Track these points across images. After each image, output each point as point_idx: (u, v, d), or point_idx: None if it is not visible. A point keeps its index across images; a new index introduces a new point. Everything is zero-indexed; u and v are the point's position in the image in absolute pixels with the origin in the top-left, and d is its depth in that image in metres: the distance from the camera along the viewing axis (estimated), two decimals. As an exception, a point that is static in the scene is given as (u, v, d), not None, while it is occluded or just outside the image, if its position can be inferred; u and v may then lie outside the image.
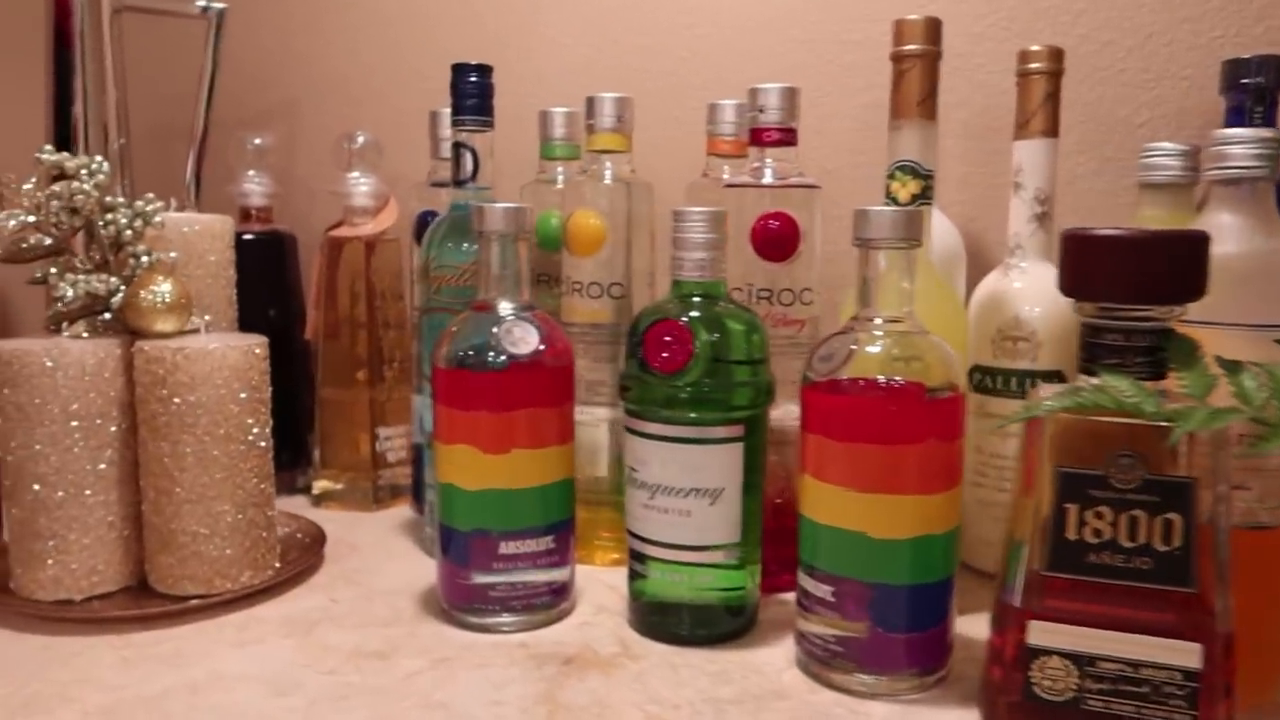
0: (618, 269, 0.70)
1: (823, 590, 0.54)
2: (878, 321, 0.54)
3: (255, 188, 0.88)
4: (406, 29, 0.98)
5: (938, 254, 0.71)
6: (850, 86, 0.82)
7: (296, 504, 0.85)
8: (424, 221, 0.81)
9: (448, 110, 0.81)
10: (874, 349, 0.53)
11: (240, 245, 0.75)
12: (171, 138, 0.98)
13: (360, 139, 0.84)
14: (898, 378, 0.52)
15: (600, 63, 0.91)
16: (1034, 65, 0.67)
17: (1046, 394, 0.48)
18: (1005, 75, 0.78)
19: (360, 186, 0.84)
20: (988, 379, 0.68)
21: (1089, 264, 0.47)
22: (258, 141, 0.88)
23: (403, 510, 0.85)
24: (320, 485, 0.86)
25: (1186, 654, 0.45)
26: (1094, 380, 0.47)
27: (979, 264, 0.77)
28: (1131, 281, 0.46)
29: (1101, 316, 0.47)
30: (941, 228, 0.73)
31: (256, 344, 0.65)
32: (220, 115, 0.91)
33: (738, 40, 0.86)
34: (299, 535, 0.75)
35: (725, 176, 0.75)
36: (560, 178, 0.78)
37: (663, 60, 0.88)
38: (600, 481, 0.73)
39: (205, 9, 0.87)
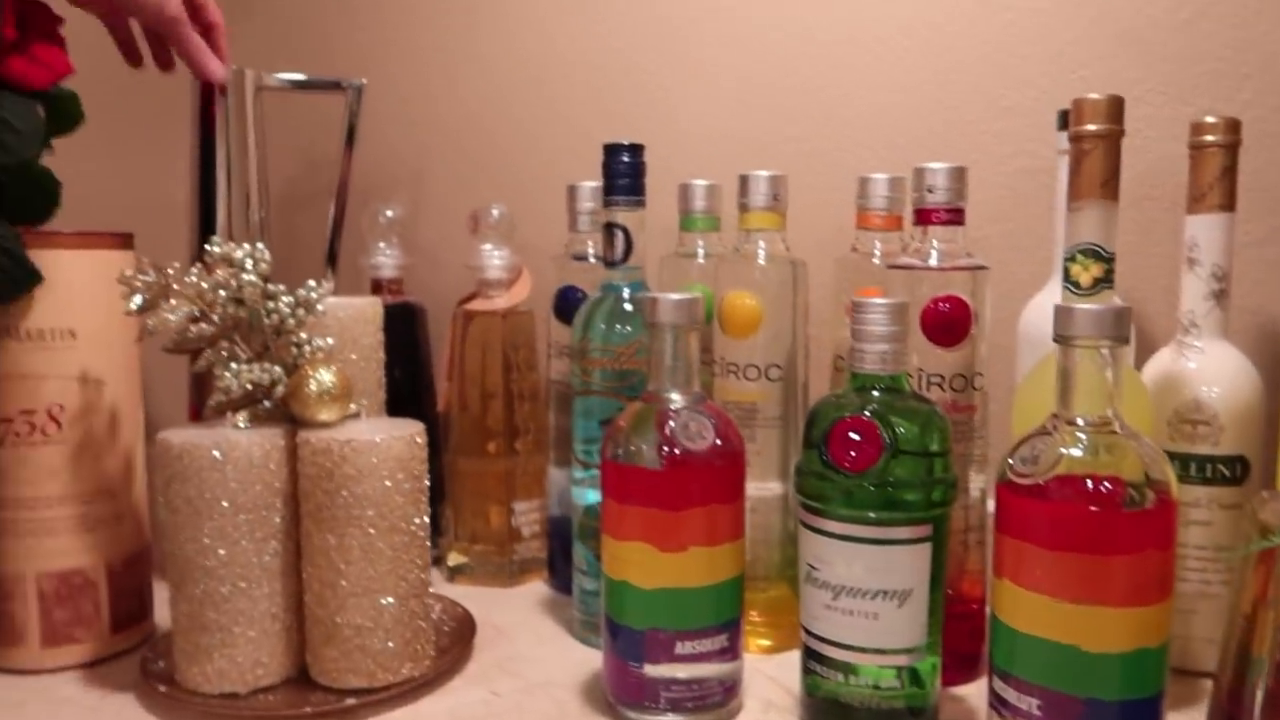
0: (775, 350, 0.69)
1: (1027, 702, 0.51)
2: (1080, 423, 0.51)
3: (386, 260, 0.89)
4: (537, 99, 0.98)
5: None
6: (999, 153, 0.80)
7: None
8: (565, 296, 0.80)
9: (587, 184, 0.81)
10: (1078, 452, 0.51)
11: (380, 321, 0.75)
12: (296, 206, 0.99)
13: (495, 212, 0.84)
14: (1106, 484, 0.50)
15: (738, 131, 0.90)
16: (1210, 138, 0.65)
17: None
18: (1162, 142, 0.75)
19: (494, 260, 0.84)
20: (1165, 463, 0.65)
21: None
22: (389, 214, 0.88)
23: (537, 586, 0.84)
24: (454, 558, 0.86)
25: None
26: (1341, 496, 0.44)
27: (1141, 339, 0.74)
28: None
29: (1346, 427, 0.45)
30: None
31: (417, 433, 0.65)
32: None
33: (884, 107, 0.84)
34: (444, 618, 0.74)
35: (876, 252, 0.73)
36: (701, 251, 0.77)
37: (804, 127, 0.87)
38: (755, 571, 0.71)
39: (343, 85, 0.87)
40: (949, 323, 0.63)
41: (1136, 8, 0.76)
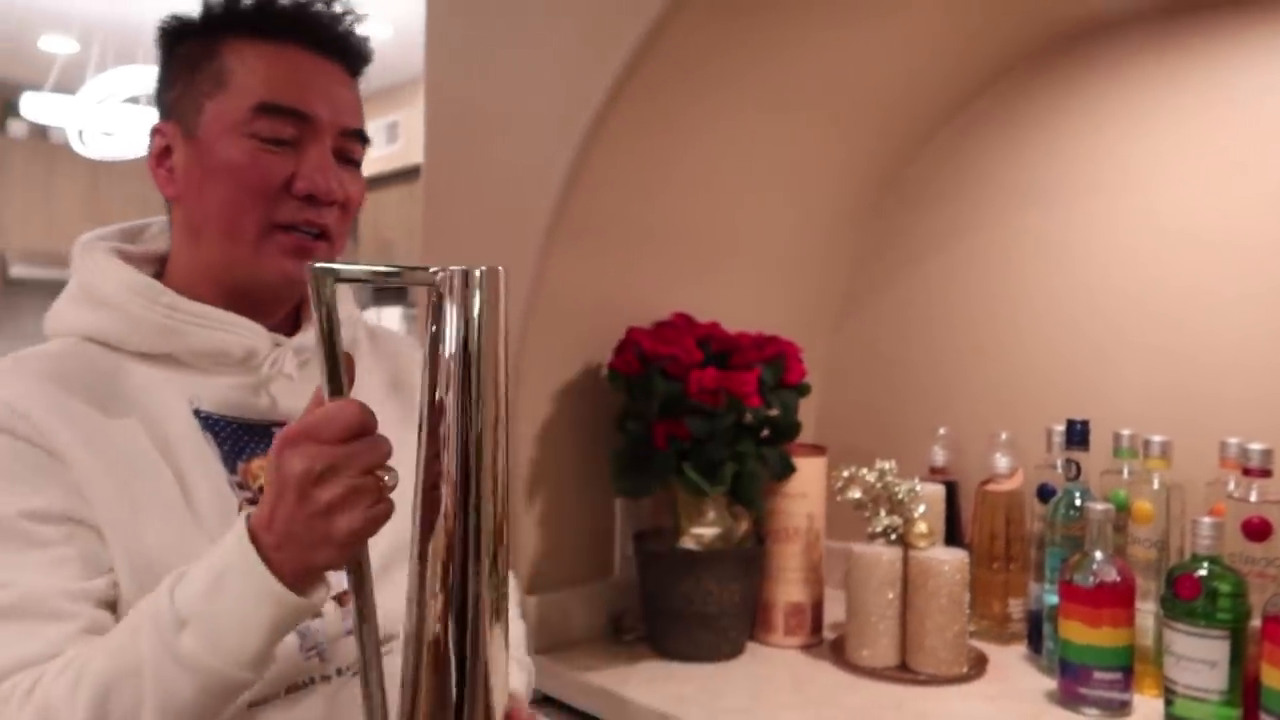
0: (1158, 533, 1.30)
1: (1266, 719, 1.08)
2: (1306, 588, 1.08)
3: (939, 454, 1.62)
4: (1029, 358, 1.66)
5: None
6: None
7: (957, 635, 1.53)
8: (1042, 489, 1.47)
9: (1058, 427, 1.47)
10: (1304, 602, 1.08)
11: (940, 494, 1.48)
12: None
13: (1003, 435, 1.54)
14: (1315, 619, 1.06)
15: (1150, 390, 1.50)
16: None
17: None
18: None
19: (1002, 462, 1.53)
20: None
21: None
22: (942, 432, 1.62)
23: (1020, 647, 1.49)
24: (973, 626, 1.54)
25: None
26: None
27: None
28: None
29: None
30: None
31: (963, 556, 1.36)
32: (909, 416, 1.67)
33: (1245, 387, 1.41)
34: (971, 654, 1.43)
35: (1231, 484, 1.30)
36: (1126, 470, 1.40)
37: (1193, 395, 1.46)
38: (1145, 650, 1.31)
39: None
40: (1258, 531, 1.20)
41: None
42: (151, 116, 0.94)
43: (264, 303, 0.92)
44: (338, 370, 0.68)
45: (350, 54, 0.94)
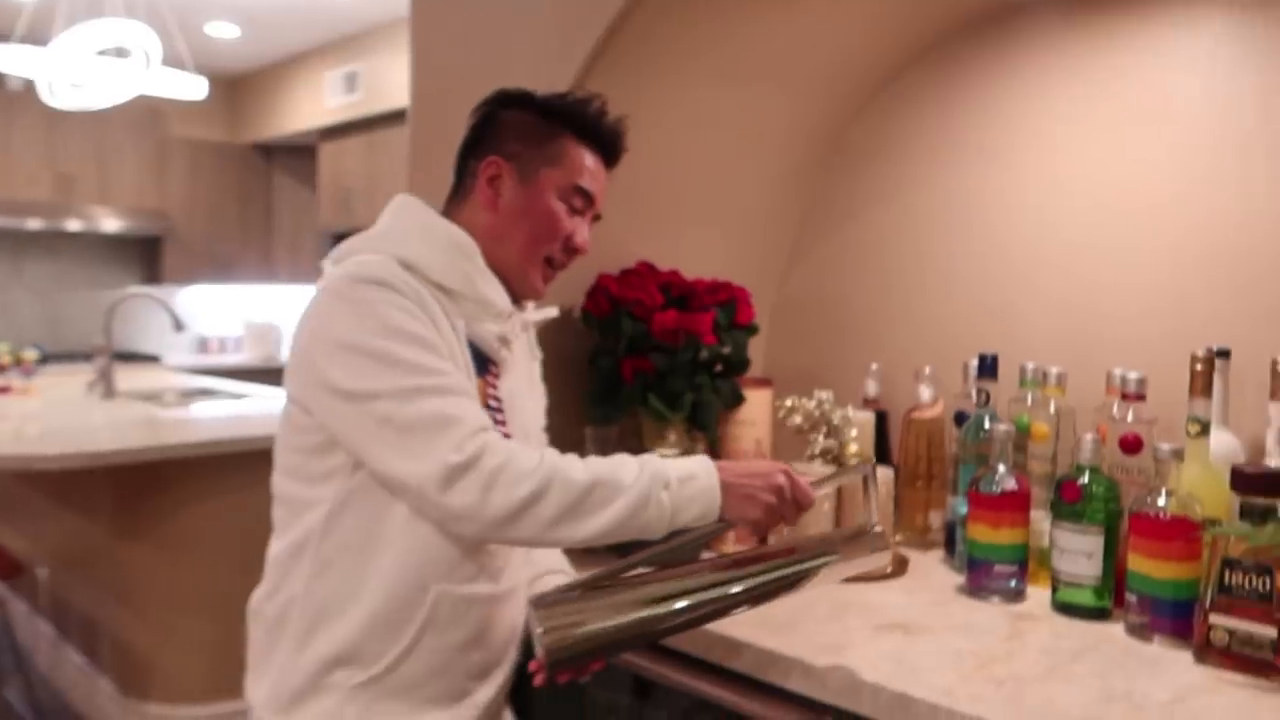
0: (1050, 450, 1.53)
1: (1134, 597, 1.32)
2: (1164, 491, 1.31)
3: (871, 386, 1.83)
4: (948, 302, 1.87)
5: (1220, 454, 1.42)
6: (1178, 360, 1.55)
7: (886, 544, 1.76)
8: (959, 415, 1.69)
9: (972, 361, 1.69)
10: (1161, 502, 1.31)
11: (872, 421, 1.69)
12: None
13: (927, 370, 1.75)
14: (1168, 515, 1.29)
15: (1052, 326, 1.73)
16: None
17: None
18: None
19: (925, 393, 1.74)
20: (1247, 518, 1.39)
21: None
22: (874, 368, 1.83)
23: (938, 554, 1.72)
24: (900, 536, 1.77)
25: None
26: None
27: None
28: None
29: (1246, 499, 1.22)
30: (1225, 440, 1.45)
31: (888, 473, 1.58)
32: (844, 353, 1.87)
33: (1125, 328, 1.63)
34: (895, 557, 1.65)
35: (1115, 408, 1.53)
36: (1029, 397, 1.62)
37: (1089, 332, 1.68)
38: (1041, 551, 1.54)
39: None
40: (1130, 444, 1.43)
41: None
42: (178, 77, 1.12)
43: (509, 290, 1.28)
44: (830, 480, 1.31)
45: (617, 161, 1.33)
